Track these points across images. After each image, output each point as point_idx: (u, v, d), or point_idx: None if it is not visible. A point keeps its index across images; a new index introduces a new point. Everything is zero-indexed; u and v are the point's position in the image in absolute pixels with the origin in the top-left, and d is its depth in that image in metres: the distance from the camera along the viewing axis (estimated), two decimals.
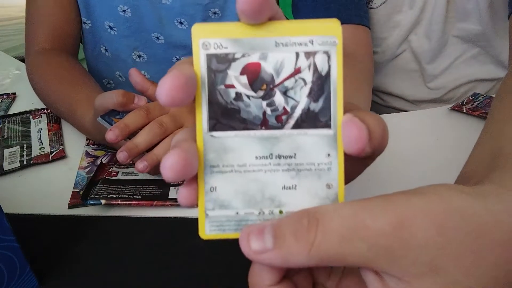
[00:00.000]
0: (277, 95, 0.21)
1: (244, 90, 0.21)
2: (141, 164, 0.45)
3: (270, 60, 0.21)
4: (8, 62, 0.89)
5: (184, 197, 0.21)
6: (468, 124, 0.61)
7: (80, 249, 0.42)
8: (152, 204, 0.46)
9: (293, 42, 0.21)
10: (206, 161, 0.21)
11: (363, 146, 0.20)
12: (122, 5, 0.70)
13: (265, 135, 0.21)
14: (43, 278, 0.39)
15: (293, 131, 0.21)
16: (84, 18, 0.72)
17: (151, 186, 0.49)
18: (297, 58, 0.21)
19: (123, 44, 0.74)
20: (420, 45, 0.76)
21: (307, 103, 0.21)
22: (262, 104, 0.21)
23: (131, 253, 0.42)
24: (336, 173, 0.21)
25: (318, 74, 0.21)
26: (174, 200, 0.47)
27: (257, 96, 0.21)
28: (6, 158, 0.55)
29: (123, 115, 0.49)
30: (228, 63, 0.21)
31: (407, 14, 0.74)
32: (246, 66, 0.21)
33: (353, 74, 0.58)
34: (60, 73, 0.64)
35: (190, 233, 0.44)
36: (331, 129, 0.21)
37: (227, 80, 0.21)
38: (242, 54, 0.21)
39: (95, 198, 0.46)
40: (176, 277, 0.39)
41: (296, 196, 0.21)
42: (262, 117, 0.21)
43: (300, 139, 0.21)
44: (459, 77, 0.78)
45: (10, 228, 0.34)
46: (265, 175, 0.21)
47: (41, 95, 0.66)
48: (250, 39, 0.21)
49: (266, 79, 0.21)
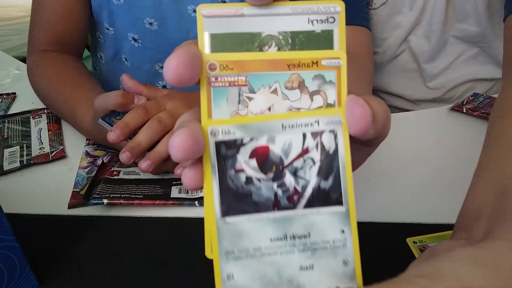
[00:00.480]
0: (287, 176, 0.21)
1: (254, 173, 0.21)
2: (144, 163, 0.45)
3: (278, 142, 0.21)
4: (8, 62, 0.89)
5: (189, 179, 0.21)
6: (468, 124, 0.61)
7: (80, 249, 0.42)
8: (155, 203, 0.46)
9: (300, 124, 0.21)
10: (221, 248, 0.21)
11: (366, 125, 0.20)
12: (149, 18, 0.67)
13: (278, 217, 0.21)
14: (43, 278, 0.39)
15: (305, 210, 0.21)
16: (107, 24, 0.70)
17: (153, 186, 0.49)
18: (304, 138, 0.21)
19: (146, 56, 0.72)
20: (419, 45, 0.76)
21: (317, 181, 0.21)
22: (273, 186, 0.21)
23: (131, 253, 0.42)
24: (351, 249, 0.21)
25: (326, 152, 0.21)
26: (177, 199, 0.47)
27: (267, 178, 0.21)
28: (6, 158, 0.55)
29: (123, 116, 0.49)
30: (237, 148, 0.21)
31: (407, 15, 0.74)
32: (255, 150, 0.21)
33: (354, 74, 0.58)
34: (60, 73, 0.64)
35: (190, 233, 0.44)
36: (342, 206, 0.21)
37: (237, 165, 0.21)
38: (250, 138, 0.21)
39: (97, 198, 0.46)
40: (176, 277, 0.39)
41: (314, 276, 0.21)
42: (273, 198, 0.21)
43: (313, 218, 0.21)
44: (458, 77, 0.78)
45: (10, 228, 0.34)
46: (281, 257, 0.21)
47: (41, 95, 0.66)
48: (257, 123, 0.21)
49: (275, 161, 0.21)
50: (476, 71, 0.78)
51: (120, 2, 0.66)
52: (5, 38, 1.83)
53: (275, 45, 0.22)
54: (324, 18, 0.22)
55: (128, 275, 0.40)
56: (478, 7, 0.70)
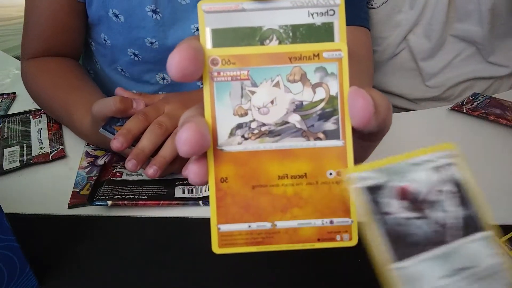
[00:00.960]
0: (434, 211, 0.21)
1: (408, 213, 0.21)
2: (151, 169, 0.45)
3: (413, 180, 0.21)
4: (8, 62, 0.89)
5: (195, 174, 0.21)
6: (468, 124, 0.61)
7: (80, 249, 0.42)
8: (159, 204, 0.46)
9: (423, 161, 0.22)
10: None
11: (369, 115, 0.20)
12: (149, 38, 0.64)
13: (441, 253, 0.21)
14: (43, 278, 0.39)
15: (460, 241, 0.21)
16: (105, 36, 0.66)
17: (157, 186, 0.49)
18: (434, 172, 0.22)
19: (146, 68, 0.70)
20: (418, 44, 0.76)
21: (460, 211, 0.21)
22: (429, 223, 0.21)
23: (132, 253, 0.42)
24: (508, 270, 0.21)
25: (457, 182, 0.22)
26: (181, 199, 0.47)
27: (421, 215, 0.21)
28: (6, 157, 0.55)
29: (123, 122, 0.49)
30: (382, 191, 0.21)
31: (408, 14, 0.74)
32: (401, 189, 0.21)
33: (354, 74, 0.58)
34: (54, 77, 0.62)
35: (191, 233, 0.44)
36: (486, 231, 0.21)
37: (389, 208, 0.21)
38: (388, 180, 0.21)
39: (101, 200, 0.46)
40: (177, 277, 0.39)
41: None
42: (434, 235, 0.21)
43: (469, 247, 0.21)
44: (457, 76, 0.79)
45: (10, 228, 0.34)
46: None
47: (38, 101, 0.65)
48: (388, 166, 0.21)
49: (420, 198, 0.21)
50: (474, 70, 0.78)
51: (120, 20, 0.63)
52: (5, 38, 1.83)
53: (276, 38, 0.22)
54: (324, 11, 0.22)
55: (129, 275, 0.40)
56: (482, 7, 0.70)
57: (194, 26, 0.63)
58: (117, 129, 0.48)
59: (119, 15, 0.62)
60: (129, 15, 0.62)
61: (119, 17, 0.62)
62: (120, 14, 0.62)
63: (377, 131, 0.22)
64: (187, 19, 0.63)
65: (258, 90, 0.22)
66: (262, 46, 0.22)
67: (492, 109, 0.63)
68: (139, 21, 0.62)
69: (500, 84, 0.81)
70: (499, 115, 0.61)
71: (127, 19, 0.62)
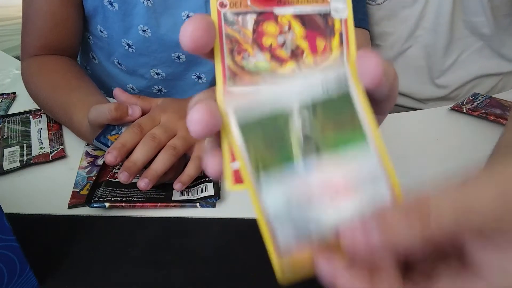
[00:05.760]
0: None
1: None
2: (142, 182, 0.45)
3: None
4: (8, 62, 0.89)
5: (212, 167, 0.21)
6: (468, 124, 0.61)
7: (80, 249, 0.42)
8: (156, 206, 0.47)
9: None
10: None
11: (380, 74, 0.20)
12: (142, 25, 0.65)
13: None
14: (43, 278, 0.39)
15: None
16: (101, 27, 0.68)
17: (154, 189, 0.49)
18: None
19: (140, 61, 0.71)
20: (428, 39, 0.76)
21: None
22: None
23: (131, 253, 0.42)
24: None
25: None
26: (178, 201, 0.47)
27: None
28: (6, 157, 0.55)
29: (119, 129, 0.49)
30: None
31: (412, 8, 0.74)
32: None
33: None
34: (53, 78, 0.63)
35: (190, 233, 0.44)
36: None
37: None
38: None
39: (99, 201, 0.46)
40: (176, 277, 0.39)
41: None
42: None
43: None
44: (465, 74, 0.79)
45: (10, 228, 0.34)
46: None
47: (37, 101, 0.65)
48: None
49: None
50: (482, 66, 0.78)
51: (115, 8, 0.64)
52: (5, 38, 1.83)
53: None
54: None
55: (129, 275, 0.40)
56: (483, 0, 0.70)
57: (185, 13, 0.65)
58: (112, 139, 0.48)
59: (114, 3, 0.64)
60: (123, 2, 0.64)
61: (114, 5, 0.64)
62: (114, 1, 0.64)
63: (386, 99, 0.22)
64: (178, 7, 0.64)
65: None
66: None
67: (492, 109, 0.63)
68: (132, 8, 0.64)
69: (508, 80, 0.80)
70: (499, 115, 0.61)
71: (121, 6, 0.64)
